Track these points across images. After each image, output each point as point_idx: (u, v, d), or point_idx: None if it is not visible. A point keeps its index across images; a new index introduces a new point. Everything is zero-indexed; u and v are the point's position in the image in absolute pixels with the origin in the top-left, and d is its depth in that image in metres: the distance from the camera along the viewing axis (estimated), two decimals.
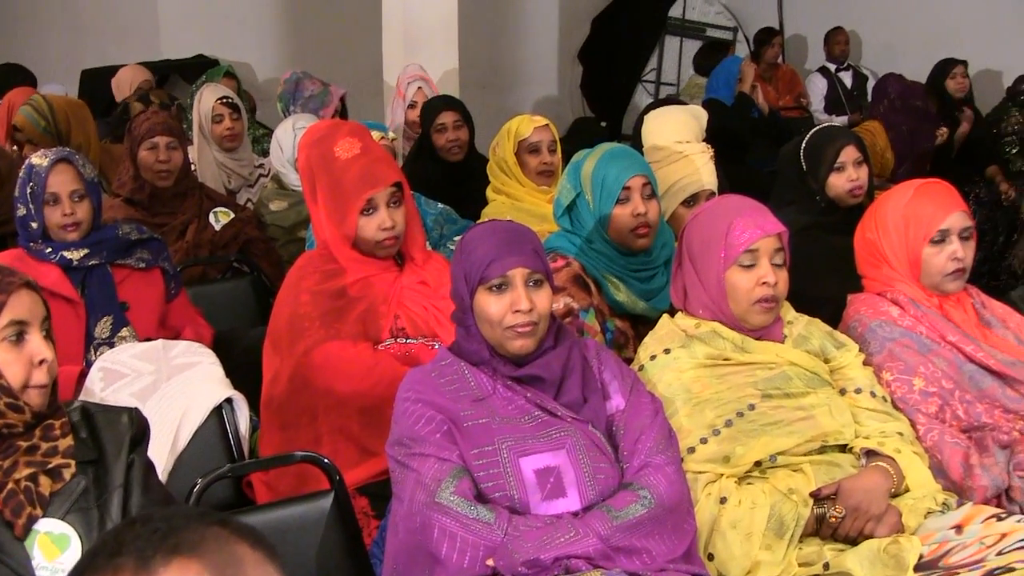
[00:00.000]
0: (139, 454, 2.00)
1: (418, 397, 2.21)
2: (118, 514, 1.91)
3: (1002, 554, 2.18)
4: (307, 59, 7.05)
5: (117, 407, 2.06)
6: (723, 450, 2.39)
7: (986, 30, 8.06)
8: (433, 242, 3.92)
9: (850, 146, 3.57)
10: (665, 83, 9.82)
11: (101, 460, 1.95)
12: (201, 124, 4.87)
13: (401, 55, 5.77)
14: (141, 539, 1.03)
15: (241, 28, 8.10)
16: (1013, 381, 2.69)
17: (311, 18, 8.31)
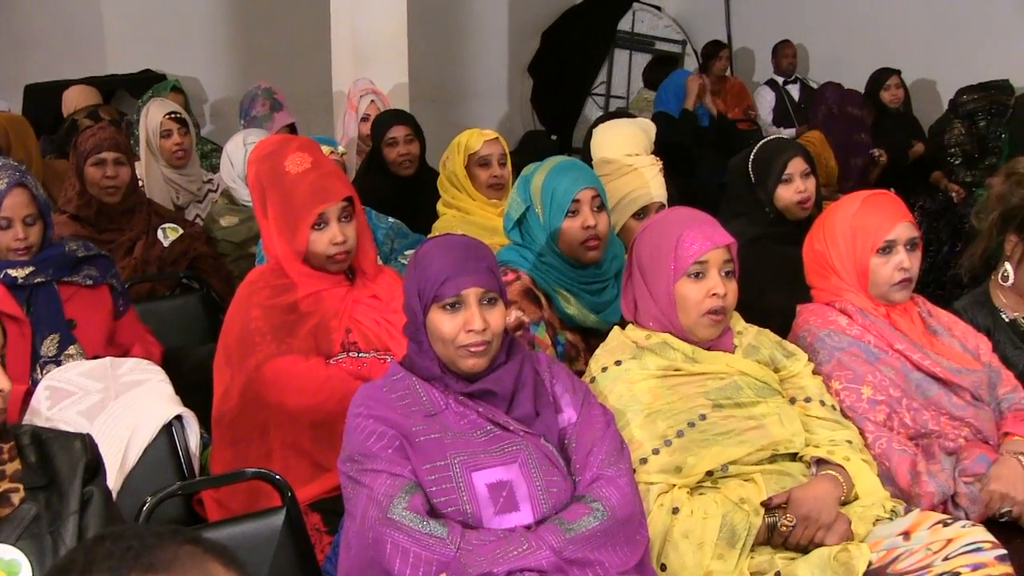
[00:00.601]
0: (97, 484, 1.96)
1: (370, 413, 2.20)
2: (73, 541, 1.88)
3: (948, 559, 2.21)
4: (256, 73, 7.01)
5: (70, 432, 2.03)
6: (675, 461, 2.40)
7: (928, 42, 8.18)
8: (384, 256, 3.92)
9: (797, 158, 3.61)
10: (615, 96, 9.87)
11: (54, 486, 1.91)
12: (149, 139, 4.83)
13: (351, 69, 5.76)
14: (114, 557, 1.01)
15: (189, 42, 8.04)
16: (958, 388, 2.73)
17: (260, 32, 8.28)
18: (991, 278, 3.15)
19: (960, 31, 8.04)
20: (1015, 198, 3.06)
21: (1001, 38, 7.77)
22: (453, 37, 9.47)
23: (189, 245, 4.17)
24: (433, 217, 4.14)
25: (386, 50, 5.83)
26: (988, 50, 7.70)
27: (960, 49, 7.91)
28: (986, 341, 2.91)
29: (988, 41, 7.82)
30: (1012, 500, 2.54)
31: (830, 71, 8.77)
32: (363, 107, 5.38)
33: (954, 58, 7.78)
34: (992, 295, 3.12)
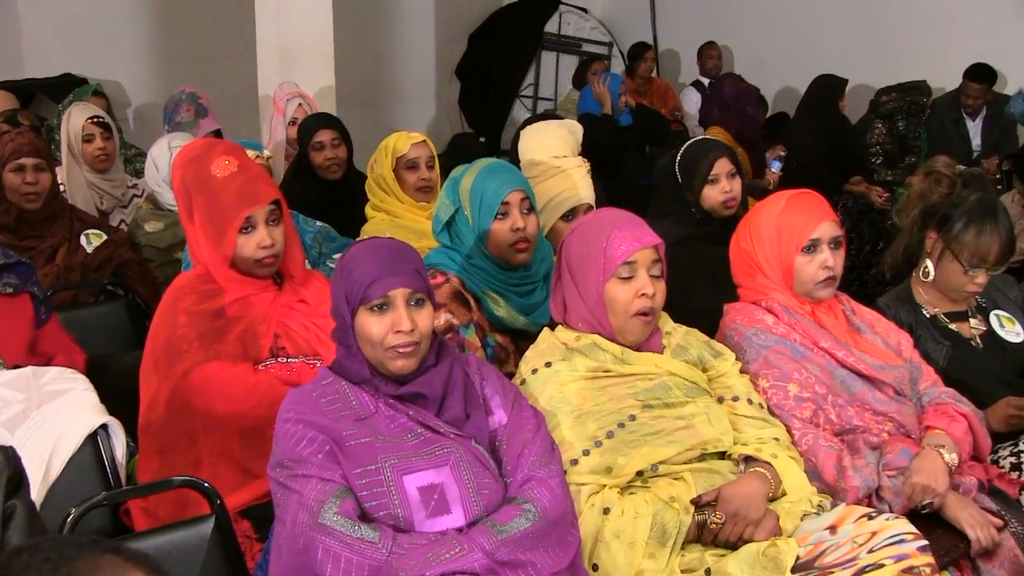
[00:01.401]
0: (20, 498, 1.92)
1: (299, 418, 2.19)
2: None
3: (873, 551, 2.25)
4: (180, 77, 6.93)
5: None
6: (605, 461, 2.42)
7: (849, 44, 8.33)
8: (312, 260, 3.89)
9: (723, 158, 3.64)
10: (542, 98, 9.91)
11: None
12: (71, 144, 4.75)
13: (276, 73, 5.72)
14: (31, 569, 0.99)
15: (111, 46, 7.91)
16: (881, 384, 2.78)
17: (184, 35, 8.18)
18: (912, 275, 3.21)
19: (880, 33, 8.20)
20: (935, 196, 3.12)
21: (920, 40, 7.94)
22: (380, 40, 9.44)
23: (113, 251, 4.11)
24: (361, 221, 4.12)
25: (312, 53, 5.80)
26: (907, 52, 7.87)
27: (880, 51, 8.07)
28: (907, 337, 2.97)
29: (907, 43, 7.99)
30: (933, 492, 2.59)
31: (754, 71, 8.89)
32: (291, 110, 5.34)
33: (874, 59, 7.93)
34: (914, 292, 3.18)
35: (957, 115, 7.33)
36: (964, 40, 7.60)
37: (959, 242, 3.02)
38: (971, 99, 7.20)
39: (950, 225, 3.05)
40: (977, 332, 3.15)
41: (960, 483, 2.67)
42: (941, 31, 7.85)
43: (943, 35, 7.82)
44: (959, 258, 3.03)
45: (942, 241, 3.07)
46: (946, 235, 3.05)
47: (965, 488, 2.67)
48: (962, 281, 3.05)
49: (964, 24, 7.74)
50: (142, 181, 4.80)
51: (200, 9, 8.18)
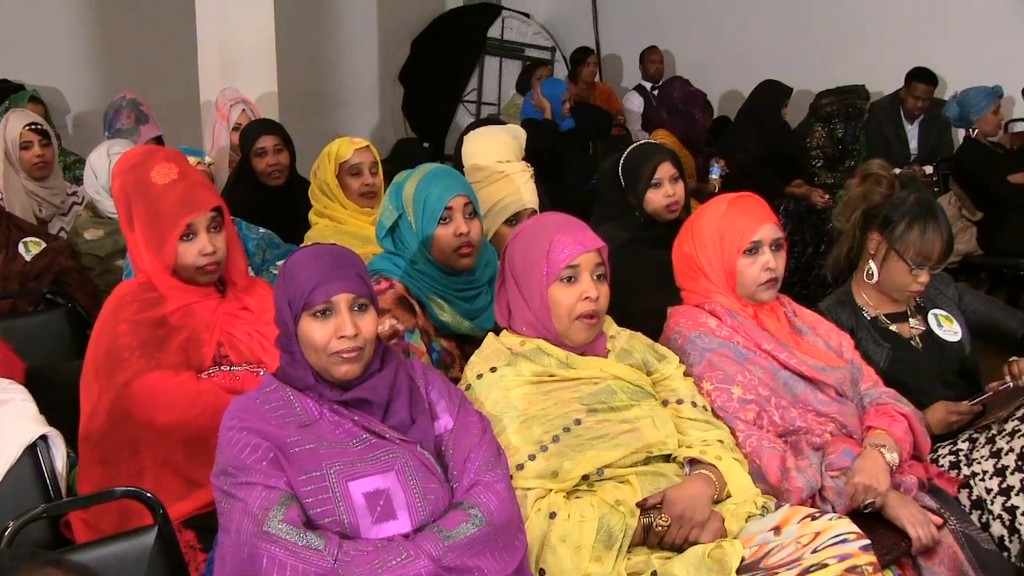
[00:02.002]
0: None
1: (243, 425, 2.17)
2: None
3: (816, 551, 2.27)
4: (120, 83, 6.86)
5: None
6: (551, 465, 2.42)
7: (790, 48, 8.43)
8: (255, 267, 3.87)
9: (666, 162, 3.66)
10: (486, 103, 9.92)
11: None
12: (8, 151, 4.68)
13: (218, 79, 5.68)
14: None
15: (48, 51, 7.80)
16: (823, 385, 2.82)
17: (123, 41, 8.09)
18: (853, 277, 3.25)
19: (820, 38, 8.31)
20: (876, 197, 3.16)
21: (858, 45, 8.06)
22: (322, 45, 9.40)
23: (52, 259, 4.06)
24: (305, 227, 4.11)
25: (254, 58, 5.76)
26: (846, 56, 8.00)
27: (820, 55, 8.18)
28: (848, 339, 3.01)
29: (846, 48, 8.11)
30: (875, 491, 2.62)
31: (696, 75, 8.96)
32: (234, 116, 5.31)
33: (814, 64, 8.04)
34: (855, 294, 3.22)
35: (896, 118, 7.44)
36: (902, 45, 7.73)
37: (904, 242, 3.06)
38: (919, 101, 7.31)
39: (893, 226, 3.08)
40: (916, 332, 3.20)
41: (901, 482, 2.71)
42: (879, 36, 7.98)
43: (881, 40, 7.95)
44: (904, 258, 3.06)
45: (886, 242, 3.10)
46: (890, 235, 3.09)
47: (906, 487, 2.70)
48: (906, 281, 3.09)
49: (902, 29, 7.87)
50: (81, 188, 4.74)
51: (140, 15, 8.10)
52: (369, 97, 9.99)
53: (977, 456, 2.92)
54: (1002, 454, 2.87)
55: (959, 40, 7.56)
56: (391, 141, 9.82)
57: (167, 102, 6.91)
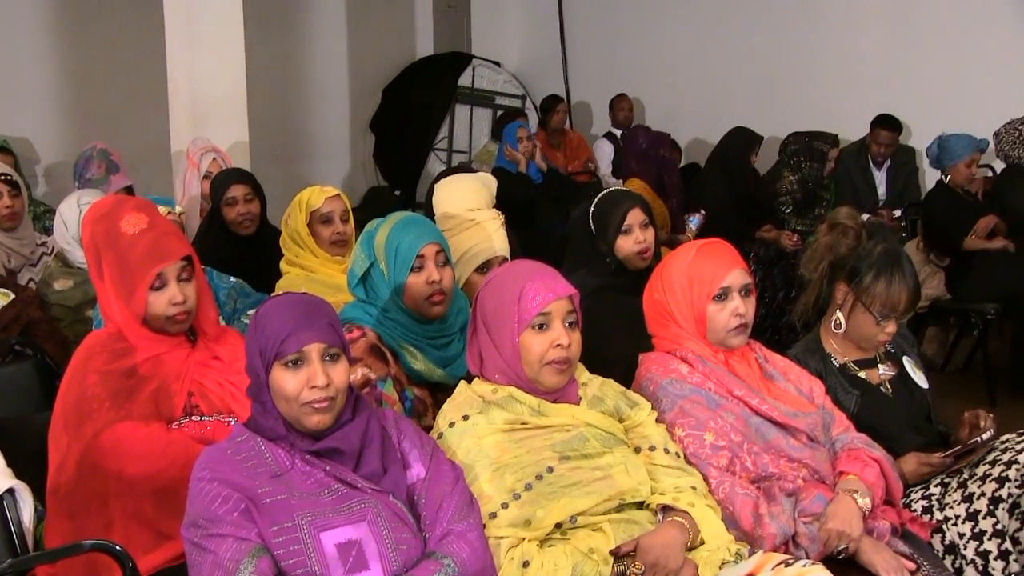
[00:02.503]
0: None
1: (213, 476, 2.16)
2: None
3: None
4: (90, 133, 6.84)
5: None
6: (524, 514, 2.41)
7: (758, 96, 8.53)
8: (227, 316, 3.86)
9: (636, 209, 3.68)
10: (457, 151, 9.96)
11: None
12: None
13: (189, 128, 5.68)
14: None
15: (18, 101, 7.77)
16: (795, 431, 2.82)
17: (94, 91, 8.08)
18: (821, 325, 3.26)
19: (788, 85, 8.42)
20: (842, 248, 3.18)
21: (826, 92, 8.16)
22: (294, 94, 9.43)
23: (21, 310, 4.03)
24: (276, 276, 4.10)
25: (225, 108, 5.77)
26: (814, 104, 8.10)
27: (788, 103, 8.28)
28: (819, 384, 3.01)
29: (813, 95, 8.21)
30: (848, 537, 2.62)
31: (665, 122, 9.07)
32: (205, 165, 5.31)
33: (782, 111, 8.13)
34: (823, 341, 3.23)
35: (864, 164, 7.55)
36: (869, 92, 7.84)
37: (870, 294, 3.08)
38: (883, 147, 7.42)
39: (860, 277, 3.10)
40: (886, 378, 3.21)
41: (874, 527, 2.71)
42: (847, 84, 8.09)
43: (849, 87, 8.06)
44: (871, 309, 3.08)
45: (853, 293, 3.12)
46: (856, 287, 3.11)
47: (879, 532, 2.70)
48: (874, 331, 3.11)
49: (869, 77, 7.98)
50: (51, 239, 4.73)
51: (111, 64, 8.10)
52: (340, 145, 10.01)
53: (949, 500, 2.93)
54: (974, 498, 2.89)
55: (926, 87, 7.67)
56: (362, 189, 9.85)
57: (138, 151, 6.90)
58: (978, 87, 7.36)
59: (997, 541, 2.81)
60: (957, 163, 6.12)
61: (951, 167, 6.15)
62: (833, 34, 8.23)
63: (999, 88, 7.21)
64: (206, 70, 5.74)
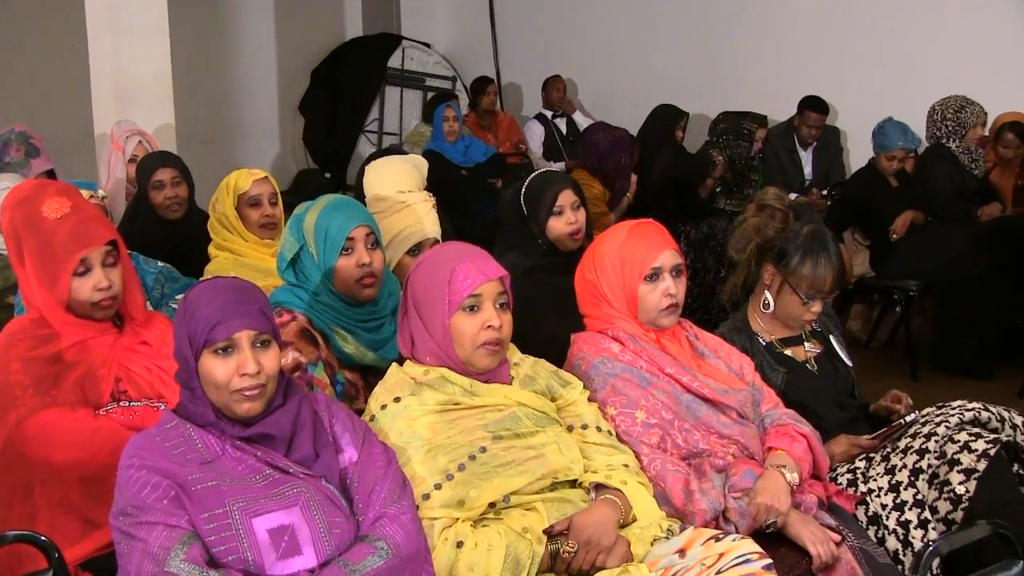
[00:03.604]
0: None
1: (142, 463, 2.14)
2: None
3: (721, 572, 2.29)
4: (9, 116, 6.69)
5: None
6: (457, 494, 2.41)
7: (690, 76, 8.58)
8: (154, 301, 3.81)
9: (567, 190, 3.68)
10: (387, 132, 9.91)
11: None
12: None
13: (113, 111, 5.59)
14: None
15: None
16: (725, 408, 2.86)
17: (14, 73, 7.90)
18: (749, 304, 3.30)
19: (719, 66, 8.47)
20: (770, 231, 3.21)
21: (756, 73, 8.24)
22: (221, 76, 9.31)
23: None
24: (205, 260, 4.06)
25: (151, 91, 5.69)
26: (744, 84, 8.17)
27: (720, 83, 8.34)
28: (749, 361, 3.06)
29: (744, 76, 8.29)
30: (776, 511, 2.66)
31: (597, 104, 9.10)
32: (130, 148, 5.23)
33: (714, 91, 8.20)
34: (750, 320, 3.27)
35: (791, 145, 7.63)
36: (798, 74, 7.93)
37: (797, 275, 3.12)
38: (812, 129, 7.51)
39: (787, 259, 3.14)
40: (812, 355, 3.27)
41: (801, 501, 2.75)
42: (776, 65, 8.17)
43: (778, 69, 8.13)
44: (797, 291, 3.13)
45: (780, 275, 3.16)
46: (784, 269, 3.15)
47: (806, 506, 2.75)
48: (800, 311, 3.16)
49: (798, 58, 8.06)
50: None
51: (31, 46, 7.93)
52: (269, 128, 9.90)
53: (873, 473, 2.99)
54: (896, 470, 2.95)
55: (852, 69, 7.77)
56: (292, 172, 9.76)
57: (60, 135, 6.77)
58: (903, 68, 7.46)
59: (917, 511, 2.87)
60: (881, 152, 6.25)
61: (880, 153, 6.28)
62: (763, 16, 8.30)
63: (924, 69, 7.31)
64: (130, 51, 5.65)
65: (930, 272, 6.05)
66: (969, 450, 2.89)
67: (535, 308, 3.23)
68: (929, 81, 6.96)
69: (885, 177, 6.32)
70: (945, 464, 2.90)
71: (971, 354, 5.95)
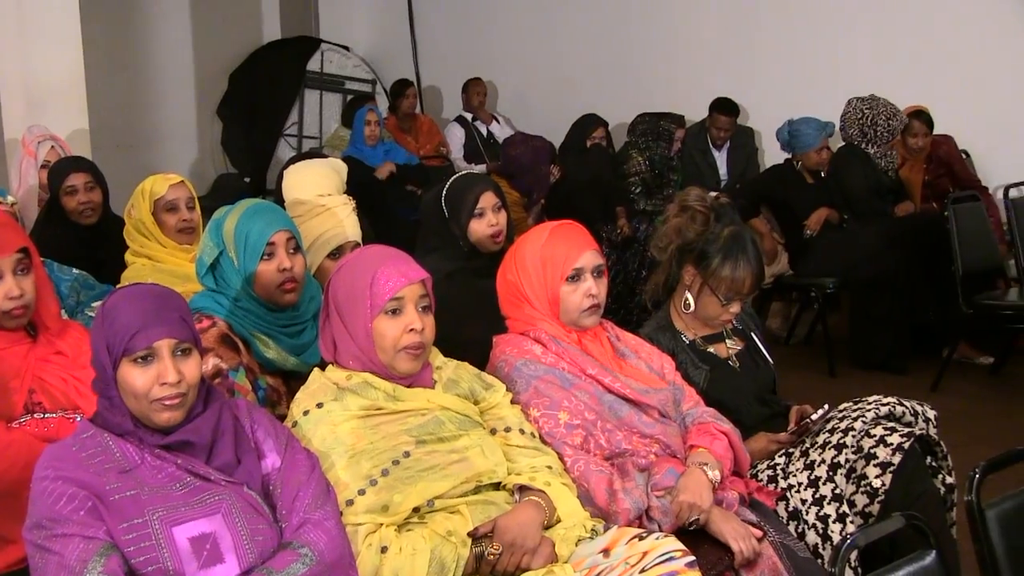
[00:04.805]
0: None
1: (57, 474, 2.10)
2: None
3: (645, 571, 2.31)
4: None
5: None
6: (381, 499, 2.40)
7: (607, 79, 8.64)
8: (70, 310, 3.74)
9: (488, 192, 3.68)
10: (307, 136, 9.84)
11: None
12: None
13: (24, 116, 5.51)
14: None
15: None
16: (647, 407, 2.88)
17: None
18: (671, 303, 3.33)
19: (635, 68, 8.54)
20: (691, 232, 3.24)
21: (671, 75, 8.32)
22: (136, 80, 9.16)
23: None
24: (121, 267, 4.00)
25: (63, 95, 5.61)
26: (660, 86, 8.23)
27: (635, 85, 8.40)
28: (670, 361, 3.08)
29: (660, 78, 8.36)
30: (699, 509, 2.69)
31: (517, 106, 9.12)
32: (42, 153, 5.14)
33: (630, 94, 8.25)
34: (673, 319, 3.30)
35: (704, 146, 7.72)
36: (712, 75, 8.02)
37: (716, 277, 3.16)
38: (722, 131, 7.60)
39: (707, 261, 3.17)
40: (733, 352, 3.31)
41: (723, 498, 2.78)
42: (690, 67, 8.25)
43: (693, 70, 8.22)
44: (716, 293, 3.17)
45: (700, 277, 3.19)
46: (704, 271, 3.18)
47: (728, 503, 2.78)
48: (719, 312, 3.20)
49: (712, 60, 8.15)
50: None
51: None
52: (187, 132, 9.77)
53: (792, 469, 3.04)
54: (815, 466, 3.00)
55: (764, 70, 7.87)
56: (211, 176, 9.64)
57: None
58: (814, 68, 7.57)
59: (836, 505, 2.92)
60: (808, 151, 6.31)
61: (802, 154, 6.34)
62: (675, 18, 8.37)
63: (835, 69, 7.44)
64: (40, 54, 5.56)
65: (846, 270, 6.16)
66: (884, 444, 2.95)
67: (457, 311, 3.23)
68: (840, 80, 7.08)
69: (800, 174, 6.40)
70: (862, 459, 2.96)
71: (886, 349, 6.06)
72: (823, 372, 6.08)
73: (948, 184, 6.67)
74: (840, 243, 6.23)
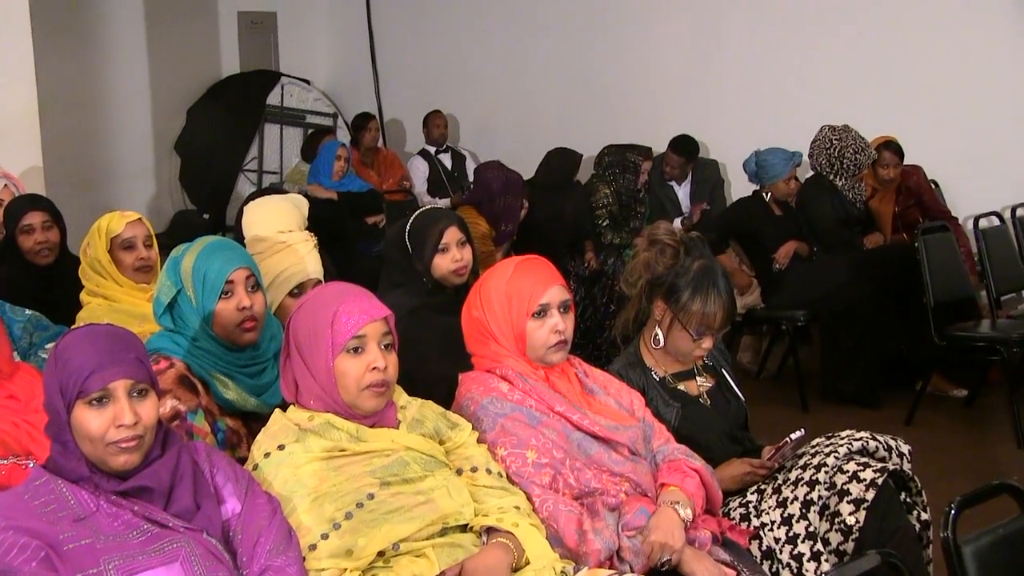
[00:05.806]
0: None
1: (8, 524, 2.04)
2: None
3: None
4: None
5: None
6: (345, 544, 2.35)
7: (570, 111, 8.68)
8: (22, 351, 3.68)
9: (452, 227, 3.66)
10: (267, 171, 9.81)
11: None
12: None
13: None
14: None
15: None
16: (617, 445, 2.84)
17: None
18: (641, 339, 3.30)
19: (597, 101, 8.59)
20: (660, 267, 3.22)
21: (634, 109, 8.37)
22: (91, 115, 9.09)
23: None
24: (76, 307, 3.94)
25: (15, 132, 5.53)
26: (625, 119, 8.27)
27: (598, 118, 8.44)
28: (639, 397, 3.05)
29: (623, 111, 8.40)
30: (671, 548, 2.65)
31: (479, 139, 9.13)
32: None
33: (593, 127, 8.30)
34: (643, 355, 3.28)
35: (662, 180, 7.75)
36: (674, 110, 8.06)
37: (687, 312, 3.13)
38: (675, 169, 7.68)
39: (677, 295, 3.15)
40: (704, 389, 3.28)
41: (695, 537, 2.75)
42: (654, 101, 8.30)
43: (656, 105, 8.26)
44: (687, 328, 3.14)
45: (671, 311, 3.17)
46: (674, 305, 3.16)
47: (700, 542, 2.74)
48: (690, 347, 3.17)
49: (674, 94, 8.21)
50: None
51: None
52: (144, 168, 9.70)
53: (765, 507, 3.00)
54: (788, 503, 2.97)
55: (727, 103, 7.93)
56: (169, 213, 9.57)
57: None
58: (781, 99, 7.64)
59: (810, 543, 2.89)
60: (776, 181, 6.31)
61: (771, 184, 6.34)
62: (641, 49, 8.43)
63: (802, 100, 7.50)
64: None
65: (816, 302, 6.15)
66: (858, 480, 2.92)
67: (421, 348, 3.20)
68: (807, 111, 7.10)
69: (769, 206, 6.39)
70: (835, 495, 2.93)
71: (857, 383, 6.05)
72: (795, 406, 6.05)
73: (918, 215, 6.69)
74: (810, 275, 6.23)
